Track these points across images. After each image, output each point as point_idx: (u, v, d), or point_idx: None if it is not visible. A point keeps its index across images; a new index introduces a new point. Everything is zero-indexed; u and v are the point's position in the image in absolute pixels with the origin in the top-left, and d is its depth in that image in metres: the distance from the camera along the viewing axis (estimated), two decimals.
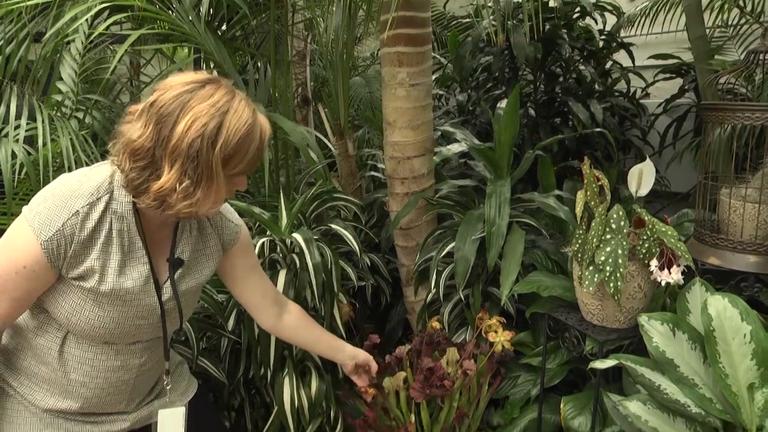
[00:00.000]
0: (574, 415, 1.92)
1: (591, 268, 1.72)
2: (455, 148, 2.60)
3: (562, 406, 1.95)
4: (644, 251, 1.70)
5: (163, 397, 1.64)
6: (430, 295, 2.34)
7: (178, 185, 1.23)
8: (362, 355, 1.88)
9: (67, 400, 1.47)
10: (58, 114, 2.03)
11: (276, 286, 1.89)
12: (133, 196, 1.30)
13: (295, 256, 1.97)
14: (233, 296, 1.71)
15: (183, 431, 1.59)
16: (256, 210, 1.99)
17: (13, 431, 1.45)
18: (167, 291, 1.43)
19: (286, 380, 2.02)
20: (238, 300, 1.69)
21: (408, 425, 1.99)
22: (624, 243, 1.68)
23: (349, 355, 1.85)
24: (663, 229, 1.66)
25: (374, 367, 1.91)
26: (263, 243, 1.97)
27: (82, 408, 1.48)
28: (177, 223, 1.45)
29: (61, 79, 2.12)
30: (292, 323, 1.75)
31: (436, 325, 2.20)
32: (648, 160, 1.72)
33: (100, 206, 1.31)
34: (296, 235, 1.92)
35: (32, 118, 1.93)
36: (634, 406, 1.54)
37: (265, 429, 2.09)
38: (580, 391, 2.07)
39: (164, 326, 1.47)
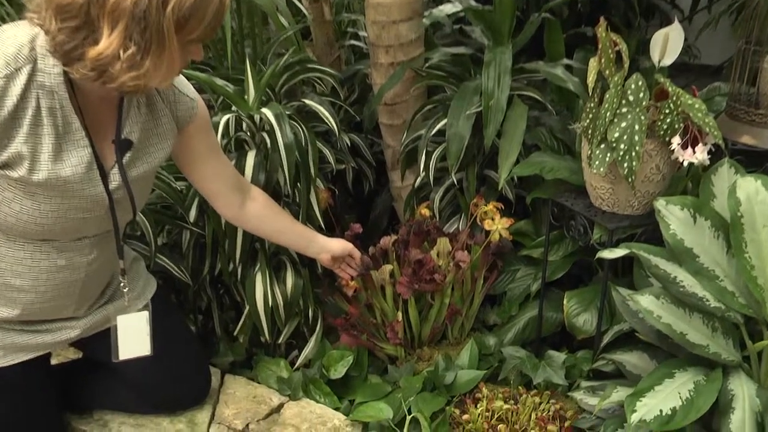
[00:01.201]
0: (578, 312, 1.95)
1: (602, 146, 1.69)
2: (448, 9, 2.51)
3: (565, 302, 1.97)
4: (665, 127, 1.65)
5: (118, 299, 1.62)
6: (418, 180, 2.33)
7: (121, 52, 1.14)
8: (337, 245, 1.87)
9: (5, 307, 1.43)
10: None
11: (244, 169, 1.86)
12: (63, 65, 1.20)
13: (264, 134, 1.91)
14: (190, 183, 1.69)
15: (149, 339, 1.59)
16: (219, 82, 1.91)
17: None
18: (115, 178, 1.38)
19: (258, 277, 2.00)
20: (196, 187, 1.66)
21: (395, 324, 2.02)
22: (642, 118, 1.63)
23: (322, 247, 1.86)
24: (689, 102, 1.60)
25: (357, 255, 1.92)
26: (228, 120, 1.92)
27: (22, 315, 1.44)
28: (121, 99, 1.36)
29: None
30: (256, 212, 1.73)
31: (425, 212, 2.19)
32: (676, 23, 1.63)
33: (21, 79, 1.21)
34: (266, 111, 1.87)
35: None
36: (645, 301, 1.54)
37: (235, 331, 2.09)
38: (586, 285, 2.09)
39: (114, 219, 1.42)
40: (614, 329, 1.84)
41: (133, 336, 1.60)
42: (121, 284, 1.58)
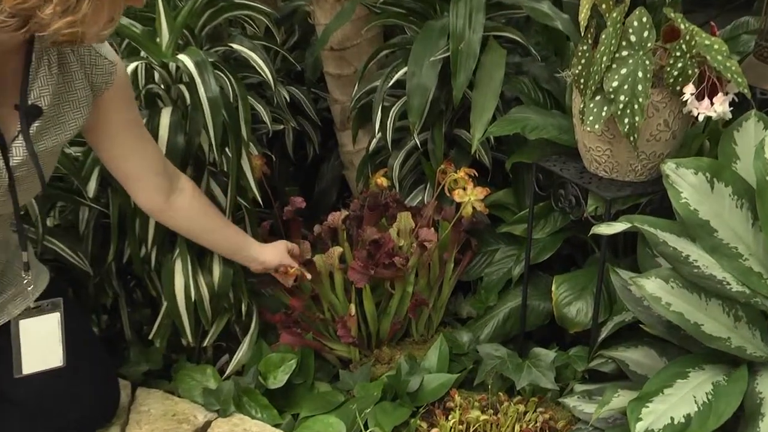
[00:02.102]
0: (570, 300, 1.98)
1: (598, 98, 1.69)
2: None
3: (554, 288, 1.99)
4: (676, 74, 1.64)
5: (17, 298, 1.65)
6: (373, 142, 2.36)
7: None
8: (273, 257, 1.95)
9: None
10: None
11: (157, 131, 1.83)
12: None
13: (182, 87, 1.88)
14: (104, 163, 1.72)
15: (61, 347, 1.63)
16: (123, 21, 1.85)
17: None
18: (18, 152, 1.39)
19: (178, 264, 1.96)
20: (110, 168, 1.69)
21: (346, 319, 2.02)
22: (647, 62, 1.62)
23: (254, 258, 1.94)
24: (706, 42, 1.58)
25: (298, 255, 2.02)
26: (136, 68, 1.89)
27: None
28: (29, 56, 1.36)
29: None
30: (185, 206, 1.78)
31: (382, 182, 2.20)
32: None
33: None
34: (183, 58, 1.82)
35: None
36: (651, 285, 1.54)
37: (151, 334, 2.06)
38: (579, 268, 2.12)
39: (15, 200, 1.43)
40: (614, 320, 1.85)
41: (41, 344, 1.62)
42: (24, 281, 1.59)
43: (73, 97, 1.47)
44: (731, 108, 1.63)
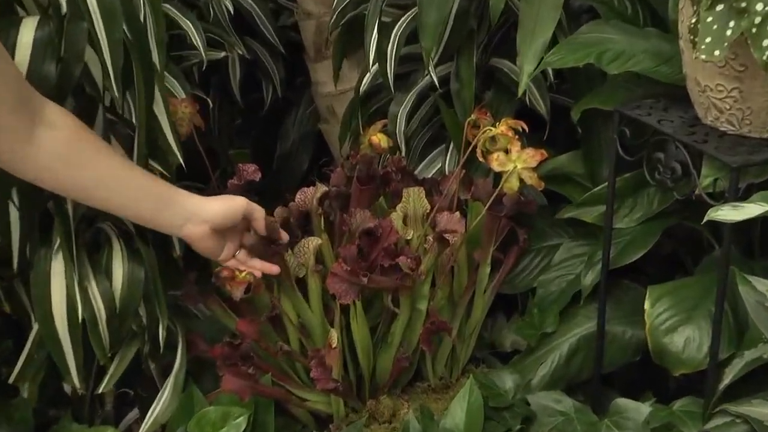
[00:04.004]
0: (673, 325, 1.94)
1: (721, 7, 1.65)
2: None
3: (647, 306, 1.97)
4: None
5: None
6: (366, 80, 2.39)
7: None
8: (220, 207, 1.87)
9: None
10: None
11: (14, 50, 1.78)
12: None
13: None
14: None
15: None
16: None
17: None
18: None
19: (57, 264, 1.93)
20: None
21: (325, 352, 1.98)
22: None
23: (190, 212, 1.85)
24: None
25: (260, 218, 1.93)
26: None
27: None
28: None
29: None
30: (56, 148, 1.72)
31: (380, 141, 2.18)
32: None
33: None
34: None
35: None
36: None
37: (12, 377, 2.04)
38: (688, 275, 2.11)
39: None
40: (745, 357, 1.82)
41: None
42: None
43: None
44: None
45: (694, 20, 1.71)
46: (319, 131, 2.75)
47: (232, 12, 2.42)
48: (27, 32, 1.81)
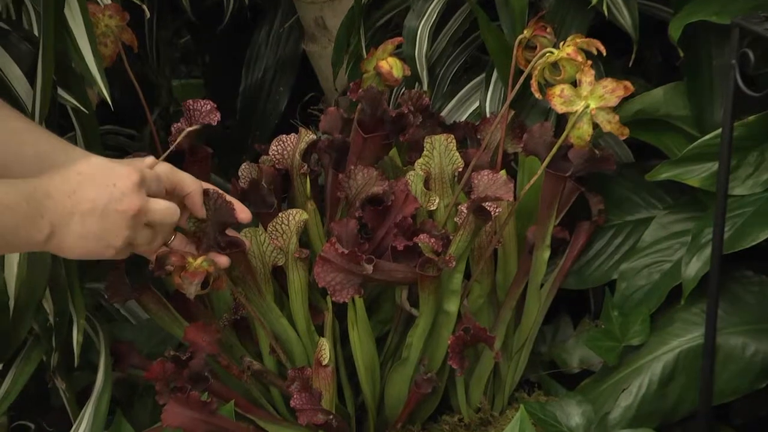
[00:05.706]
0: None
1: None
2: None
3: None
4: None
5: None
6: None
7: None
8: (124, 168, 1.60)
9: None
10: None
11: None
12: None
13: None
14: None
15: None
16: None
17: None
18: None
19: None
20: None
21: (312, 373, 1.83)
22: None
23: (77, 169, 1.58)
24: None
25: (195, 202, 1.69)
26: None
27: None
28: None
29: None
30: None
31: (390, 67, 2.00)
32: None
33: None
34: None
35: None
36: None
37: None
38: None
39: None
40: None
41: None
42: None
43: None
44: None
45: None
46: (303, 54, 2.69)
47: None
48: None
